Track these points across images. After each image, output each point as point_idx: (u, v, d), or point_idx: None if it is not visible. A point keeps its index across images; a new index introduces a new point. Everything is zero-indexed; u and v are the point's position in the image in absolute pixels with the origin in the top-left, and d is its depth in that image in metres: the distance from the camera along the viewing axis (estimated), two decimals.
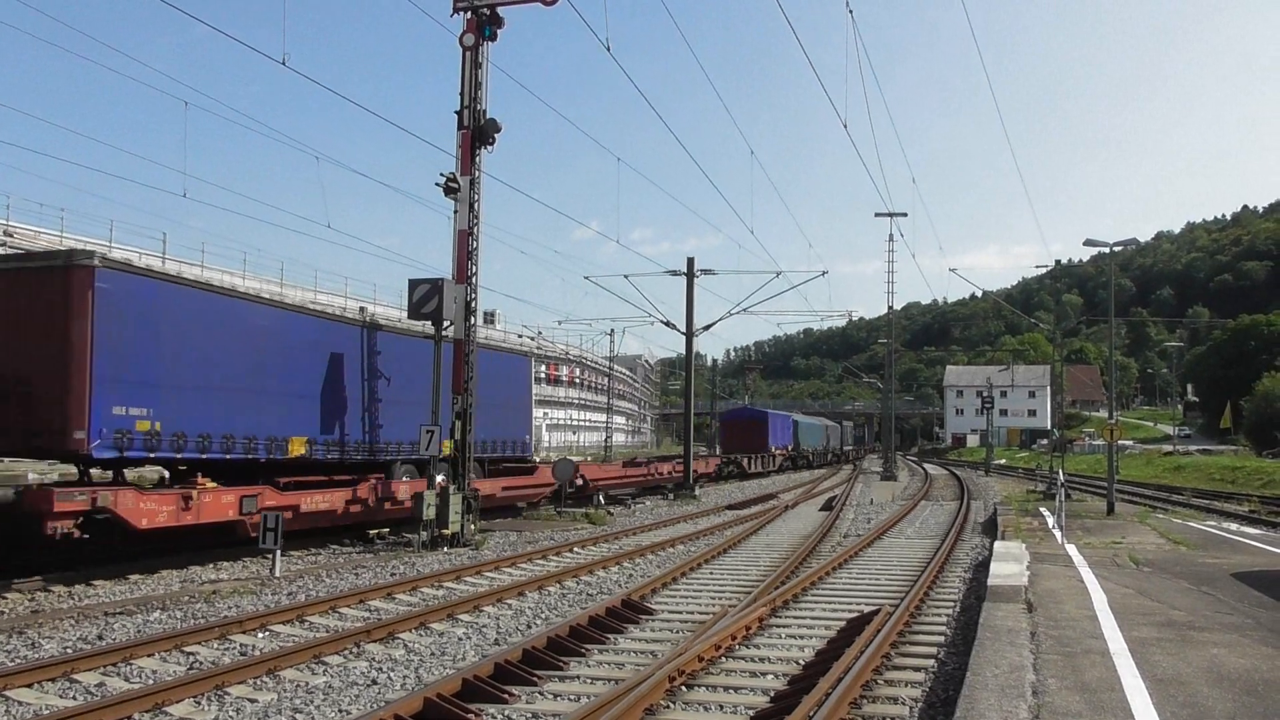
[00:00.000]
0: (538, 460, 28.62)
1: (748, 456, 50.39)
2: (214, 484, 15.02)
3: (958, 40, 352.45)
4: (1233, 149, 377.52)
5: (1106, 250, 27.84)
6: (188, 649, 9.42)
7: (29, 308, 13.37)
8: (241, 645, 9.75)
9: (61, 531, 12.57)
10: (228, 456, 15.39)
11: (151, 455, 14.22)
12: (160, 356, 14.24)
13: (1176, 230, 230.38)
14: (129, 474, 15.25)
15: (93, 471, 14.22)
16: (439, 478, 18.29)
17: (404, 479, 19.37)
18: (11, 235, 37.74)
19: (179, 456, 14.72)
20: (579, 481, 27.44)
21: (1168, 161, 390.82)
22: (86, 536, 13.56)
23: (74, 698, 7.81)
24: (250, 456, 15.82)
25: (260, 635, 10.23)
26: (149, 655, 9.11)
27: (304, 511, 16.67)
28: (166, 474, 16.02)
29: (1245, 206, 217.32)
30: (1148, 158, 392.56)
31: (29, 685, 7.98)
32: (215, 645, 9.68)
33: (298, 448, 16.86)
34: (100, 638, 9.96)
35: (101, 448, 13.23)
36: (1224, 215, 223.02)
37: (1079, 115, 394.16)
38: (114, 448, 13.44)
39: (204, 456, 14.98)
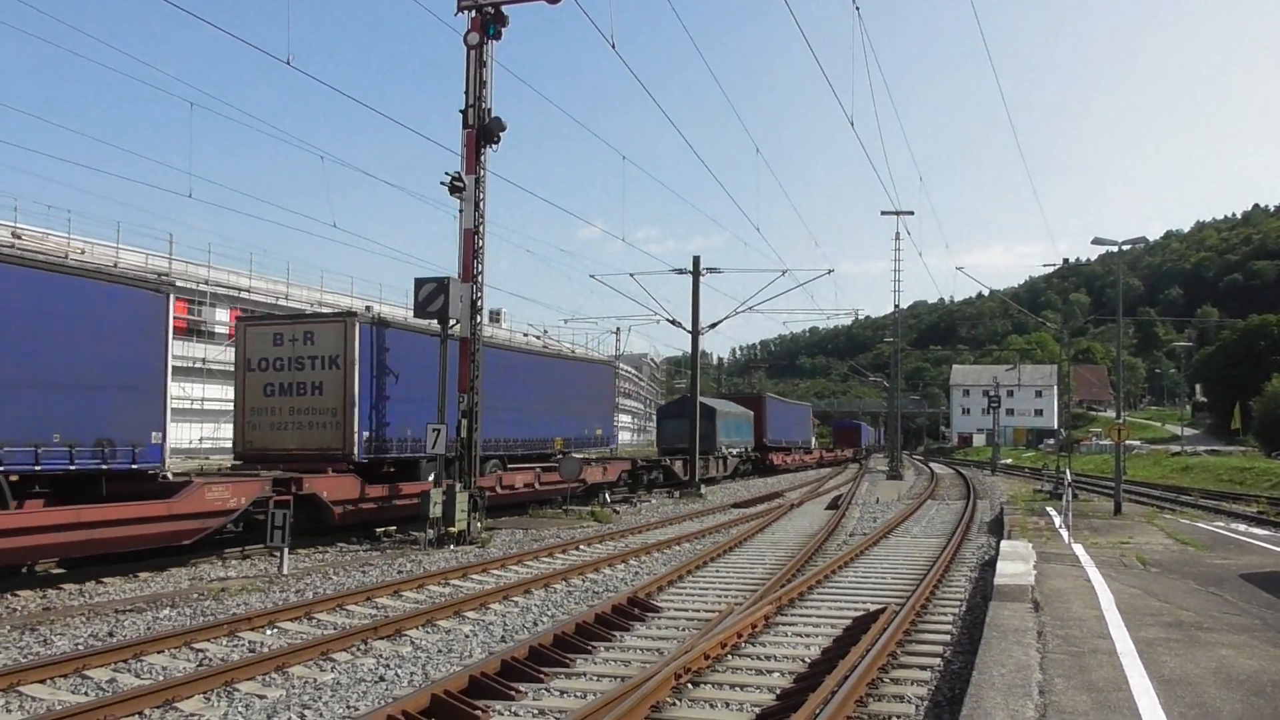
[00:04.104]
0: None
1: (853, 449, 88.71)
2: None
3: (965, 37, 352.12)
4: (1243, 147, 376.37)
5: (1115, 249, 27.78)
6: (197, 646, 9.48)
7: None
8: (250, 642, 9.80)
9: None
10: None
11: None
12: None
13: (1186, 229, 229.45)
14: None
15: None
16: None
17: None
18: (20, 237, 37.91)
19: None
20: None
21: (1177, 160, 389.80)
22: None
23: (86, 693, 7.87)
24: None
25: (268, 632, 10.28)
26: (159, 652, 9.16)
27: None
28: None
29: (1256, 205, 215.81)
30: (1156, 156, 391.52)
31: (42, 681, 8.03)
32: (224, 642, 9.74)
33: None
34: (111, 635, 10.02)
35: None
36: (1234, 214, 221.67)
37: (1087, 113, 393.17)
38: None
39: None
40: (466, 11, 18.90)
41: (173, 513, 14.26)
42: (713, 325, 40.04)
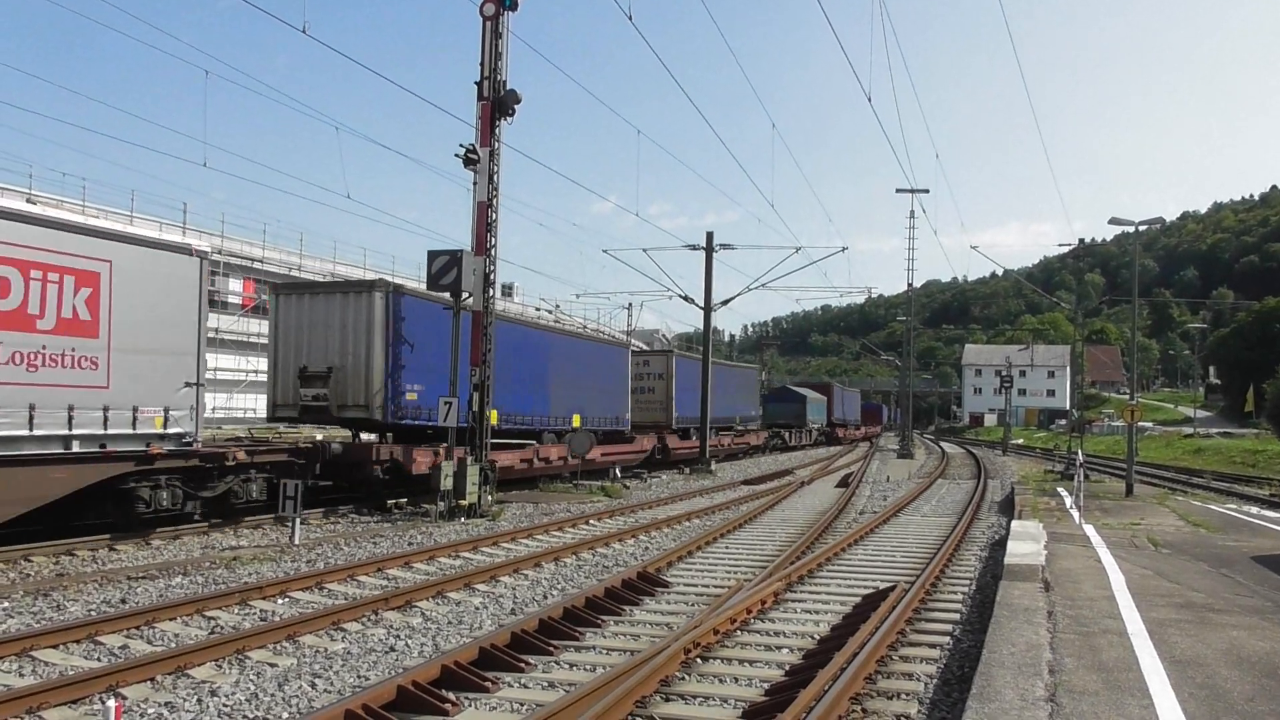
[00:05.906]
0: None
1: (878, 426, 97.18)
2: None
3: (984, 12, 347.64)
4: (1263, 128, 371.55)
5: (1131, 229, 27.54)
6: (209, 613, 9.55)
7: None
8: (262, 611, 9.86)
9: None
10: None
11: None
12: None
13: (1203, 210, 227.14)
14: None
15: None
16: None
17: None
18: (35, 203, 37.94)
19: None
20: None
21: (1195, 140, 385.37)
22: None
23: (98, 659, 7.94)
24: None
25: (280, 601, 10.35)
26: (171, 619, 9.24)
27: None
28: None
29: (1274, 187, 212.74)
30: (1174, 136, 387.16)
31: (55, 646, 8.11)
32: (236, 610, 9.81)
33: None
34: (124, 601, 10.10)
35: None
36: (1252, 195, 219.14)
37: (1105, 93, 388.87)
38: None
39: None
40: None
41: (639, 449, 31.75)
42: (725, 302, 40.00)
